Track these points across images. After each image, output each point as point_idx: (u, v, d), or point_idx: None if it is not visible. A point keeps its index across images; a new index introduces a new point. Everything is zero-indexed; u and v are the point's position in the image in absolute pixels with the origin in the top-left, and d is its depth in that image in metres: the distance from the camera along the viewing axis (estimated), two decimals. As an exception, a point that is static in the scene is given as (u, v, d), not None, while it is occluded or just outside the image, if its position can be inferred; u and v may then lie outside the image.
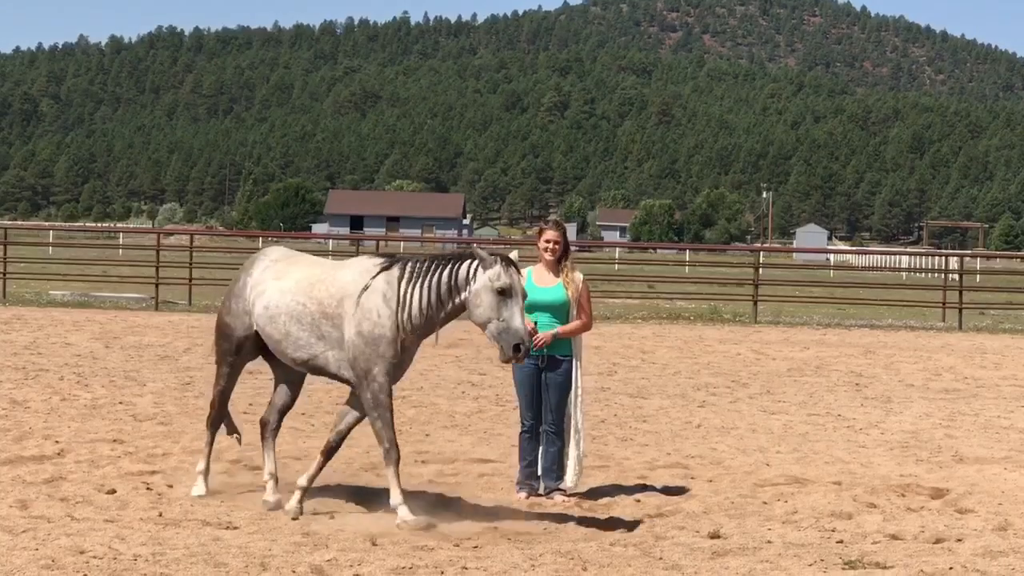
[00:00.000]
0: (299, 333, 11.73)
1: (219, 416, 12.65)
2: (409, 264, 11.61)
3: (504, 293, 11.17)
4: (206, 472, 12.51)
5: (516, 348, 11.12)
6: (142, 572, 9.34)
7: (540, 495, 12.90)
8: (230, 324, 12.33)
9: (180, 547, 10.16)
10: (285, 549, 10.20)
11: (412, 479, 13.41)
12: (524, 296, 11.35)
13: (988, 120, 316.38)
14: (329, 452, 11.94)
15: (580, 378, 13.04)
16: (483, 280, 11.27)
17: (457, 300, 11.42)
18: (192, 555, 9.90)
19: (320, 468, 11.92)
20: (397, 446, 11.62)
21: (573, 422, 13.03)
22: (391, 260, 11.73)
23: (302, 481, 11.83)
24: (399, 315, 11.43)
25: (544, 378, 12.90)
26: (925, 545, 10.92)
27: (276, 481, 12.20)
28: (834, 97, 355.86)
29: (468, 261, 11.44)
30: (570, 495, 12.86)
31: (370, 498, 12.38)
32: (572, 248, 13.42)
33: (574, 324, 12.86)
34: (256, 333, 12.15)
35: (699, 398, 20.34)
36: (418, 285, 11.47)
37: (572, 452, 12.98)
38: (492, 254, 11.39)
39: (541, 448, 13.06)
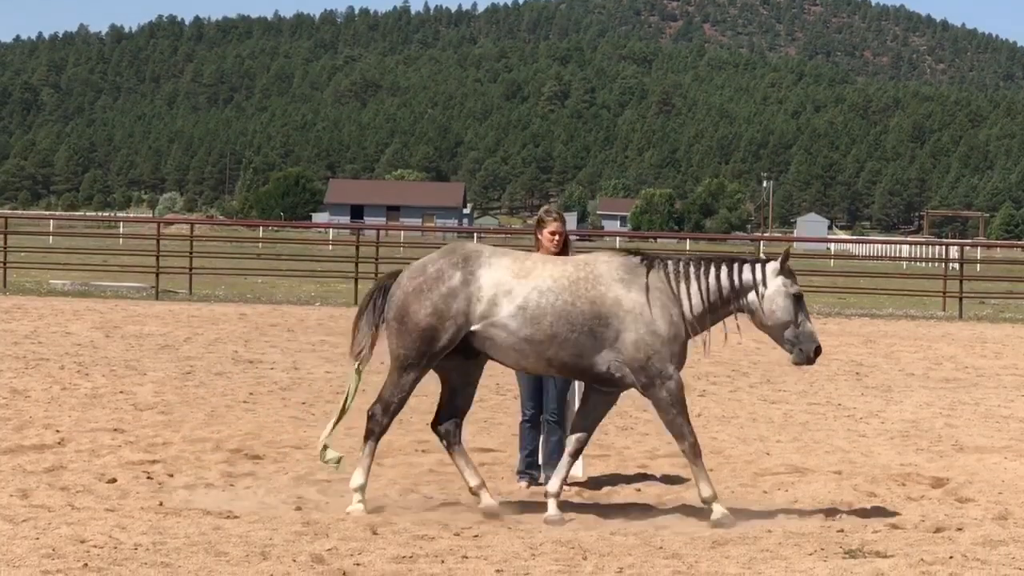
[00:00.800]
0: (569, 334, 11.16)
1: (387, 428, 11.76)
2: (671, 262, 11.48)
3: (799, 298, 11.40)
4: (362, 488, 11.55)
5: (817, 351, 11.43)
6: (143, 561, 9.35)
7: (541, 484, 12.90)
8: (436, 326, 11.28)
9: (181, 536, 10.16)
10: (286, 538, 10.20)
11: (413, 468, 13.43)
12: None
13: (988, 109, 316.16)
14: (576, 454, 11.79)
15: None
16: (777, 285, 11.41)
17: (740, 302, 11.52)
18: (193, 544, 9.90)
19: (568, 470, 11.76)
20: (698, 441, 11.50)
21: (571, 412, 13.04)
22: (647, 257, 11.56)
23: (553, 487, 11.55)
24: (683, 313, 11.35)
25: None
26: (925, 534, 10.93)
27: (486, 490, 11.64)
28: (834, 86, 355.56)
29: (750, 265, 11.50)
30: (570, 484, 12.86)
31: (371, 486, 12.38)
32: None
33: None
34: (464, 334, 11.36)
35: (699, 387, 20.34)
36: (695, 285, 11.42)
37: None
38: (769, 258, 11.50)
39: (542, 438, 13.06)
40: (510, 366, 11.72)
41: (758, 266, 11.50)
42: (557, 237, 12.65)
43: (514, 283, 11.30)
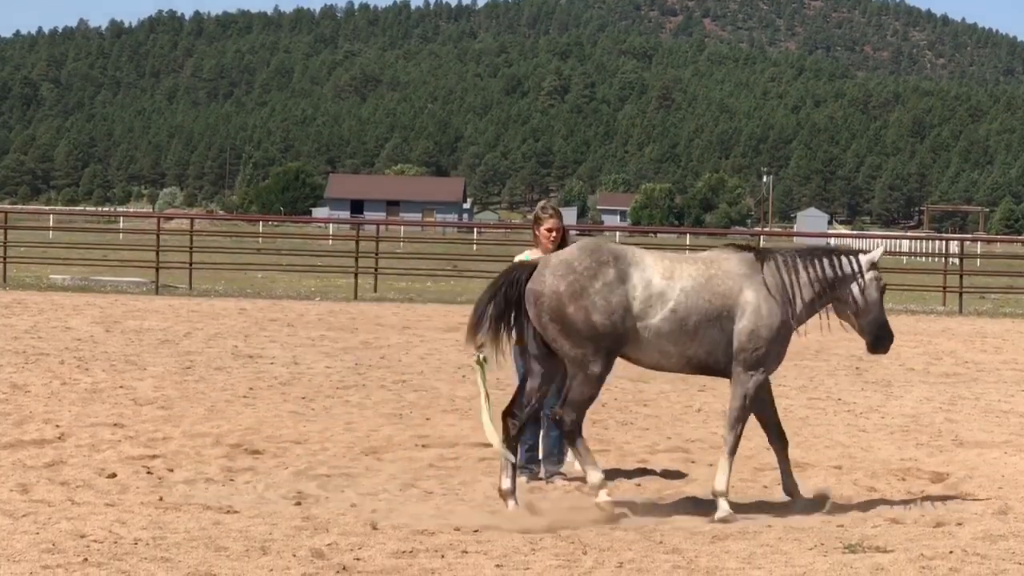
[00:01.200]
0: (706, 331, 11.37)
1: (581, 424, 11.52)
2: (779, 256, 11.78)
3: (884, 292, 11.93)
4: (605, 481, 11.56)
5: (892, 340, 12.01)
6: (143, 556, 9.34)
7: (540, 479, 12.90)
8: (604, 322, 11.18)
9: (181, 531, 10.16)
10: (285, 533, 10.20)
11: (413, 463, 13.42)
12: None
13: (989, 104, 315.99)
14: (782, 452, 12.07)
15: None
16: (872, 276, 11.85)
17: (835, 293, 11.88)
18: (192, 539, 9.90)
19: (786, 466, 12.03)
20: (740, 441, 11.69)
21: None
22: (760, 252, 11.83)
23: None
24: (792, 308, 11.65)
25: None
26: (925, 529, 10.93)
27: (513, 498, 11.48)
28: (834, 81, 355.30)
29: (845, 256, 11.88)
30: (570, 479, 12.85)
31: (371, 481, 12.38)
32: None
33: None
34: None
35: (700, 382, 20.30)
36: (804, 277, 11.75)
37: None
38: (861, 250, 12.01)
39: (542, 432, 13.05)
40: (647, 366, 11.74)
41: (853, 257, 11.88)
42: (554, 233, 12.71)
43: (664, 284, 11.38)
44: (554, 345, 11.33)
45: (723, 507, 11.37)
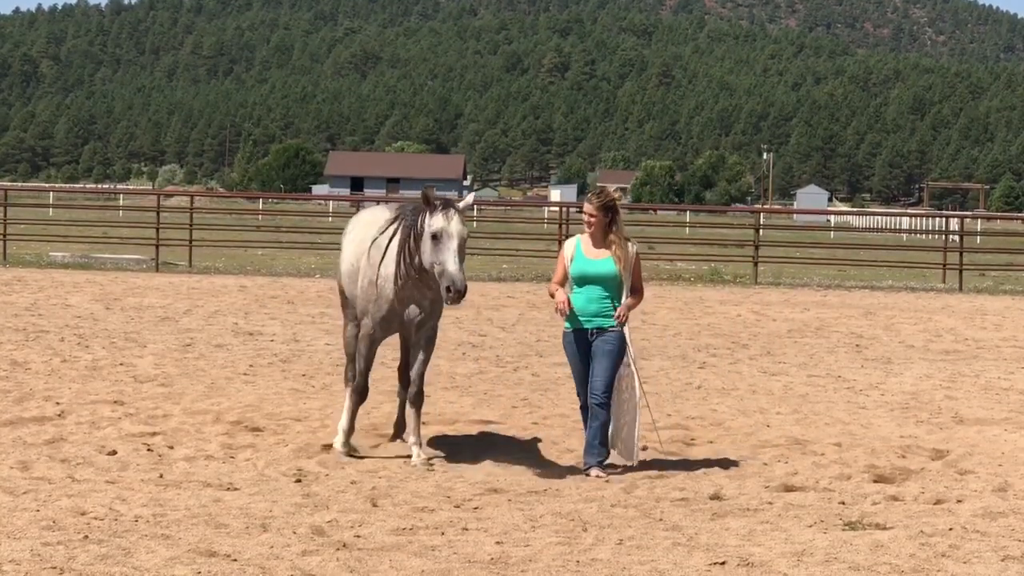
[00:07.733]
0: None
1: None
2: None
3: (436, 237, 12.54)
4: None
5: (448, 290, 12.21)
6: (143, 533, 9.35)
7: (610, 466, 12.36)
8: None
9: (181, 508, 10.16)
10: (286, 510, 10.20)
11: (413, 440, 13.41)
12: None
13: (989, 81, 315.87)
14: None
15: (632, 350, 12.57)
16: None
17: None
18: (193, 516, 9.90)
19: None
20: None
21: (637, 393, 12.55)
22: None
23: None
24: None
25: (593, 348, 12.26)
26: (925, 506, 10.93)
27: None
28: (835, 58, 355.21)
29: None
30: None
31: (371, 460, 12.39)
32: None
33: (632, 300, 12.38)
34: None
35: (699, 359, 20.34)
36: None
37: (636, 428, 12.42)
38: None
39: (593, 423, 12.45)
40: None
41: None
42: (588, 217, 12.24)
43: None
44: None
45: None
